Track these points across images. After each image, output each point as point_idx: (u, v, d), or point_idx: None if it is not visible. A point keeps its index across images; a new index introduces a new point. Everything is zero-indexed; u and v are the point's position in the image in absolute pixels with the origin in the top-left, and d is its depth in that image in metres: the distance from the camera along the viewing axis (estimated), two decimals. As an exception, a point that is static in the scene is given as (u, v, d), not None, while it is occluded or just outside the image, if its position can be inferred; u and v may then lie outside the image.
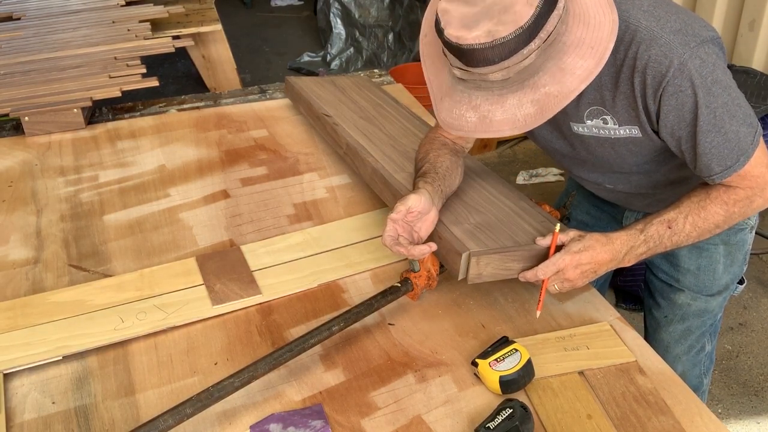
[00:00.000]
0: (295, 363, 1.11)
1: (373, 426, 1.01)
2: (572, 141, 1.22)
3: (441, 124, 1.09)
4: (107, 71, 2.02)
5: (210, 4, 3.31)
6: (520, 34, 0.94)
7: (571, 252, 1.10)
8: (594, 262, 1.11)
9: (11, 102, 1.84)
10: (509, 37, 0.93)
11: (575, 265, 1.10)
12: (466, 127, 1.04)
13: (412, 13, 4.08)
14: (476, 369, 1.07)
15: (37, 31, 2.37)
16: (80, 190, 1.59)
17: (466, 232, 1.18)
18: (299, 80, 1.92)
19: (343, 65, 4.38)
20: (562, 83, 1.00)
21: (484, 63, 0.97)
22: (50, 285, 1.29)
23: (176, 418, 0.95)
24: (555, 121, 1.18)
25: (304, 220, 1.48)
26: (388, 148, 1.52)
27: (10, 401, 1.06)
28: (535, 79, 1.00)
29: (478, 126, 1.03)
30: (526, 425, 0.97)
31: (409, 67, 3.84)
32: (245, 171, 1.66)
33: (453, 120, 1.06)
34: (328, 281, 1.30)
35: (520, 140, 3.76)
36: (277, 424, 1.01)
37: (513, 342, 1.09)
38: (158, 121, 1.89)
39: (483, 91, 1.02)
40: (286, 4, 5.79)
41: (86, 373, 1.11)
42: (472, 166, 1.47)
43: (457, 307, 1.24)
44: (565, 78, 1.00)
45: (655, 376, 1.09)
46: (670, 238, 1.12)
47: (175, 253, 1.38)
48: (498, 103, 1.02)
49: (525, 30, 0.94)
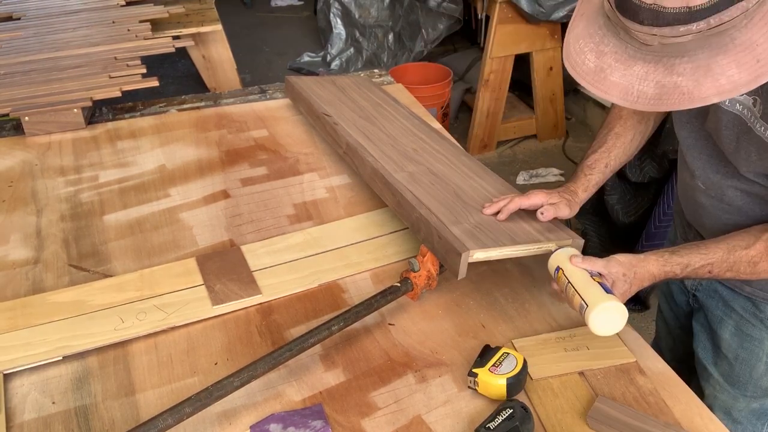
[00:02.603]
0: (295, 363, 1.11)
1: (373, 426, 1.01)
2: (709, 107, 1.07)
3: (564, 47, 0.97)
4: (107, 71, 2.02)
5: (210, 4, 3.31)
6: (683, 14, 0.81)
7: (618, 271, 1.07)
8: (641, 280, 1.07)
9: (11, 102, 1.84)
10: (670, 10, 0.81)
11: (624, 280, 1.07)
12: (579, 68, 0.93)
13: (412, 13, 4.07)
14: (474, 379, 1.05)
15: (37, 31, 2.37)
16: (80, 190, 1.59)
17: (465, 232, 1.18)
18: (299, 80, 1.92)
19: (343, 65, 4.38)
20: (698, 83, 0.84)
21: (633, 17, 0.85)
22: (50, 285, 1.29)
23: (176, 417, 0.95)
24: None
25: (304, 220, 1.48)
26: (387, 148, 1.52)
27: (10, 401, 1.06)
28: (675, 61, 0.85)
29: (589, 74, 0.91)
30: (526, 425, 0.96)
31: (409, 67, 3.84)
32: (245, 171, 1.66)
33: (572, 51, 0.94)
34: (328, 281, 1.30)
35: (520, 140, 3.76)
36: (277, 424, 1.01)
37: (499, 347, 1.08)
38: (158, 121, 1.89)
39: (618, 40, 0.89)
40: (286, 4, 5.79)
41: (86, 373, 1.11)
42: (472, 166, 1.47)
43: (457, 307, 1.24)
44: (704, 80, 0.84)
45: (655, 376, 1.09)
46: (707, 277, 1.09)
47: (175, 253, 1.38)
48: (624, 63, 0.88)
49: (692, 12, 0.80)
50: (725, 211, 1.16)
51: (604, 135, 1.29)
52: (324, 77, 1.99)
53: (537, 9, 3.21)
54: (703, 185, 1.17)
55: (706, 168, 1.15)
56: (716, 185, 1.14)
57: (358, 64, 4.37)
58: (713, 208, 1.18)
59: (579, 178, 1.27)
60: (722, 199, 1.15)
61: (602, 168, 1.27)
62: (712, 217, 1.20)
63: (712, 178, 1.15)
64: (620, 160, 1.29)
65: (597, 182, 1.27)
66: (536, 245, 1.18)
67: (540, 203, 1.22)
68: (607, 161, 1.27)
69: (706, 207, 1.20)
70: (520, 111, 3.83)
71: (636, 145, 1.29)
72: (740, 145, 1.03)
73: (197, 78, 3.52)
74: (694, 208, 1.24)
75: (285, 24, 5.40)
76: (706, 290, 1.31)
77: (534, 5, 3.21)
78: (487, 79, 3.42)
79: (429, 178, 1.39)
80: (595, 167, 1.27)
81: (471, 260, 1.13)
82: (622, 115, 1.28)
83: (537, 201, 1.22)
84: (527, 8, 3.21)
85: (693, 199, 1.23)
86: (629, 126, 1.27)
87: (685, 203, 1.29)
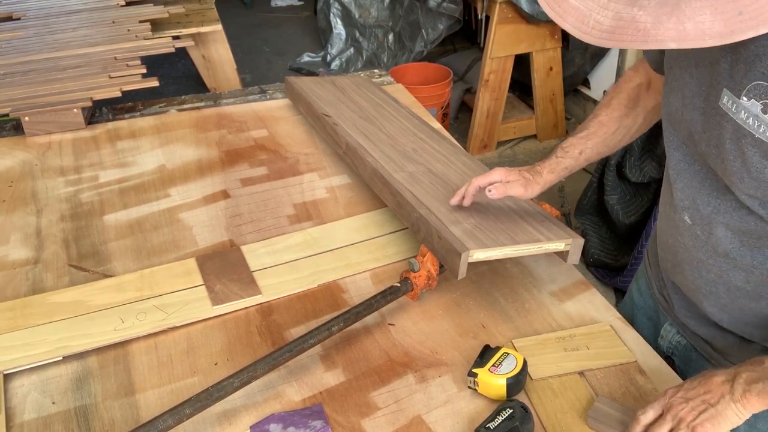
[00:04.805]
0: (295, 363, 1.11)
1: (373, 426, 1.01)
2: (708, 119, 0.94)
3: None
4: (107, 71, 2.02)
5: (210, 4, 3.31)
6: None
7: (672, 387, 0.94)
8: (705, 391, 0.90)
9: (11, 102, 1.84)
10: None
11: (682, 398, 0.91)
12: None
13: (412, 13, 4.07)
14: (474, 380, 1.05)
15: (37, 31, 2.37)
16: (80, 190, 1.59)
17: (465, 232, 1.18)
18: (299, 80, 1.92)
19: (343, 65, 4.38)
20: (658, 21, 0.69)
21: None
22: (50, 285, 1.29)
23: (176, 418, 0.95)
24: (708, 80, 0.93)
25: (304, 221, 1.48)
26: (387, 148, 1.52)
27: (10, 401, 1.06)
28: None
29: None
30: (526, 425, 0.96)
31: (409, 67, 3.84)
32: (245, 171, 1.66)
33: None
34: (328, 281, 1.30)
35: (520, 140, 3.76)
36: (277, 425, 1.01)
37: (499, 347, 1.08)
38: (158, 121, 1.89)
39: None
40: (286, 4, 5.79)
41: (86, 373, 1.11)
42: (472, 166, 1.47)
43: (457, 307, 1.24)
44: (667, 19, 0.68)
45: (656, 376, 1.09)
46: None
47: (175, 253, 1.38)
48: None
49: None
50: (710, 255, 1.02)
51: (588, 121, 1.25)
52: (324, 77, 1.99)
53: (537, 9, 3.21)
54: (690, 220, 1.03)
55: (697, 198, 1.01)
56: (706, 220, 1.00)
57: (358, 64, 4.37)
58: (697, 250, 1.04)
59: (550, 158, 1.23)
60: (709, 239, 1.01)
61: (576, 154, 1.22)
62: (694, 262, 1.06)
63: (702, 211, 1.00)
64: (598, 150, 1.23)
65: (567, 167, 1.22)
66: (536, 245, 1.18)
67: (497, 180, 1.19)
68: (582, 148, 1.22)
69: (689, 249, 1.06)
70: (520, 111, 3.83)
71: (618, 138, 1.24)
72: (749, 161, 0.88)
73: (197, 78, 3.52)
74: (675, 252, 1.11)
75: (285, 24, 5.40)
76: (682, 357, 1.23)
77: (534, 5, 3.21)
78: (487, 79, 3.42)
79: (429, 178, 1.39)
80: (569, 151, 1.22)
81: (471, 260, 1.13)
82: (611, 105, 1.24)
83: (494, 178, 1.19)
84: (527, 8, 3.21)
85: (675, 240, 1.09)
86: (615, 117, 1.23)
87: (665, 248, 1.16)
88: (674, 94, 1.00)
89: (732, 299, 1.03)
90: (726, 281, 1.02)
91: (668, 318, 1.24)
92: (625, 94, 1.23)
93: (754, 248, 0.96)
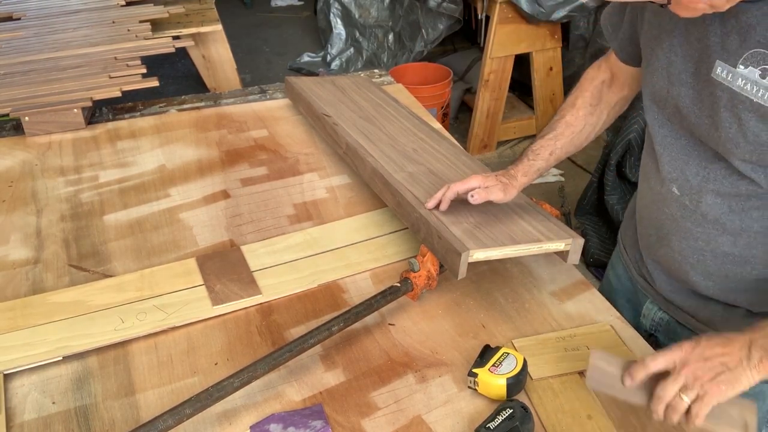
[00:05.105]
0: (295, 363, 1.11)
1: (373, 426, 1.01)
2: (700, 92, 1.00)
3: None
4: (107, 71, 2.02)
5: (210, 4, 3.31)
6: None
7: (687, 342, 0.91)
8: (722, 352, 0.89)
9: (11, 102, 1.84)
10: None
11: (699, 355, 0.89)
12: None
13: (412, 13, 4.07)
14: (474, 380, 1.05)
15: (37, 31, 2.37)
16: (80, 190, 1.59)
17: (465, 232, 1.18)
18: (299, 80, 1.92)
19: (343, 65, 4.38)
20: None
21: None
22: (50, 285, 1.29)
23: (176, 418, 0.95)
24: (698, 55, 0.99)
25: (304, 221, 1.48)
26: (387, 148, 1.52)
27: (10, 401, 1.06)
28: None
29: None
30: (526, 425, 0.96)
31: (409, 67, 3.84)
32: (245, 171, 1.66)
33: None
34: (328, 281, 1.30)
35: (520, 140, 3.76)
36: (277, 425, 1.01)
37: (499, 347, 1.08)
38: (158, 121, 1.89)
39: None
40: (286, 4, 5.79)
41: (86, 373, 1.11)
42: (472, 166, 1.47)
43: (457, 307, 1.24)
44: None
45: (655, 376, 1.09)
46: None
47: (175, 253, 1.38)
48: None
49: None
50: (698, 223, 1.08)
51: (554, 122, 1.29)
52: (324, 77, 1.99)
53: (537, 9, 3.21)
54: (678, 191, 1.09)
55: (685, 170, 1.07)
56: (695, 189, 1.06)
57: (358, 64, 4.37)
58: (685, 219, 1.10)
59: (522, 162, 1.27)
60: (698, 207, 1.07)
61: (546, 156, 1.27)
62: (682, 232, 1.11)
63: (692, 181, 1.07)
64: (567, 149, 1.28)
65: (539, 168, 1.27)
66: (536, 245, 1.18)
67: (475, 186, 1.21)
68: (552, 149, 1.27)
69: (676, 219, 1.11)
70: (520, 111, 3.83)
71: (585, 136, 1.30)
72: (745, 126, 0.94)
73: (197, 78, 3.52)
74: (660, 225, 1.16)
75: (285, 24, 5.40)
76: (666, 332, 1.26)
77: (534, 5, 3.21)
78: (487, 79, 3.42)
79: (429, 178, 1.39)
80: (540, 153, 1.27)
81: (471, 260, 1.13)
82: (576, 105, 1.29)
83: (473, 184, 1.21)
84: (527, 8, 3.21)
85: (661, 212, 1.14)
86: (581, 116, 1.28)
87: (647, 223, 1.21)
88: (658, 74, 1.07)
89: (719, 266, 1.08)
90: (714, 248, 1.08)
91: (648, 297, 1.28)
92: (588, 93, 1.29)
93: (742, 212, 1.03)
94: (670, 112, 1.08)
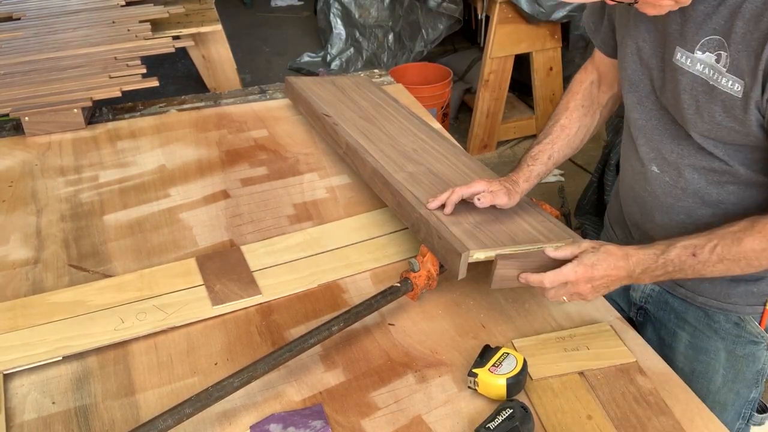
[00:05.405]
0: (295, 363, 1.11)
1: (373, 426, 1.01)
2: (665, 75, 1.09)
3: None
4: (107, 71, 2.02)
5: (210, 4, 3.31)
6: None
7: (584, 264, 1.04)
8: (607, 276, 1.05)
9: (11, 102, 1.84)
10: None
11: (587, 278, 1.05)
12: None
13: (412, 13, 4.07)
14: (474, 380, 1.05)
15: (37, 31, 2.37)
16: (80, 190, 1.59)
17: (465, 232, 1.18)
18: (299, 80, 1.92)
19: (343, 65, 4.37)
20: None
21: None
22: (50, 285, 1.29)
23: (176, 418, 0.95)
24: (661, 41, 1.08)
25: (304, 220, 1.48)
26: (388, 148, 1.52)
27: (10, 401, 1.06)
28: None
29: None
30: (526, 426, 0.96)
31: (409, 67, 3.84)
32: (245, 171, 1.66)
33: None
34: (328, 281, 1.30)
35: (520, 140, 3.76)
36: (277, 425, 1.01)
37: (499, 347, 1.08)
38: (158, 121, 1.89)
39: None
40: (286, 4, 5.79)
41: (86, 373, 1.11)
42: (472, 166, 1.47)
43: (457, 307, 1.24)
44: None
45: (656, 376, 1.09)
46: (692, 266, 1.03)
47: (175, 253, 1.38)
48: None
49: None
50: (679, 197, 1.14)
51: (549, 126, 1.32)
52: (324, 77, 1.99)
53: (537, 9, 3.21)
54: (658, 169, 1.15)
55: (661, 148, 1.14)
56: (673, 166, 1.13)
57: (358, 64, 4.37)
58: (666, 196, 1.16)
59: (522, 168, 1.29)
60: (678, 182, 1.13)
61: (545, 160, 1.30)
62: (664, 208, 1.17)
63: (668, 159, 1.13)
64: (564, 152, 1.32)
65: (539, 173, 1.29)
66: (536, 245, 1.18)
67: (481, 191, 1.23)
68: (550, 153, 1.30)
69: (658, 196, 1.17)
70: (520, 111, 3.82)
71: (581, 138, 1.33)
72: (701, 107, 1.03)
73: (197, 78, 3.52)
74: (643, 202, 1.22)
75: (285, 24, 5.40)
76: (657, 302, 1.30)
77: (534, 5, 3.21)
78: (487, 79, 3.42)
79: (429, 178, 1.39)
80: (539, 158, 1.30)
81: (471, 260, 1.13)
82: (569, 107, 1.32)
83: (478, 188, 1.23)
84: (527, 8, 3.21)
85: (643, 190, 1.20)
86: (575, 118, 1.32)
87: (631, 201, 1.26)
88: (631, 59, 1.15)
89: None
90: (695, 220, 1.14)
91: None
92: (579, 95, 1.33)
93: (719, 185, 1.10)
94: (642, 94, 1.15)
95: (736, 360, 1.21)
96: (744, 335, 1.19)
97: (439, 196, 1.25)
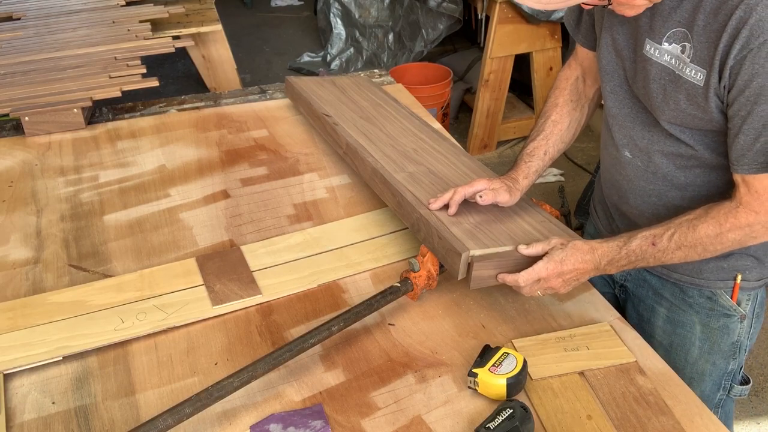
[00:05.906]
0: (295, 363, 1.11)
1: (373, 426, 1.01)
2: (636, 65, 1.15)
3: None
4: (107, 71, 2.02)
5: (210, 4, 3.31)
6: None
7: (554, 260, 1.11)
8: (576, 270, 1.12)
9: (11, 102, 1.84)
10: None
11: (558, 273, 1.11)
12: None
13: (412, 13, 4.07)
14: (474, 380, 1.05)
15: (37, 31, 2.37)
16: (80, 190, 1.59)
17: (465, 232, 1.18)
18: (299, 80, 1.92)
19: (343, 65, 4.38)
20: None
21: None
22: (50, 285, 1.29)
23: (176, 417, 0.95)
24: (633, 33, 1.15)
25: (304, 220, 1.48)
26: (388, 148, 1.52)
27: (10, 401, 1.06)
28: None
29: None
30: (526, 426, 0.96)
31: (409, 67, 3.84)
32: (245, 171, 1.66)
33: None
34: (328, 281, 1.30)
35: (520, 140, 3.76)
36: (277, 425, 1.01)
37: (499, 347, 1.08)
38: (158, 121, 1.89)
39: None
40: (286, 4, 5.79)
41: (86, 373, 1.11)
42: (472, 166, 1.47)
43: (457, 307, 1.24)
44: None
45: (656, 376, 1.09)
46: (653, 255, 1.10)
47: (175, 253, 1.38)
48: None
49: None
50: (650, 181, 1.21)
51: (541, 123, 1.36)
52: (324, 77, 1.99)
53: (537, 9, 3.21)
54: (630, 154, 1.22)
55: (633, 134, 1.21)
56: (644, 151, 1.20)
57: (358, 64, 4.37)
58: (639, 179, 1.23)
59: (519, 165, 1.32)
60: (648, 166, 1.20)
61: (541, 155, 1.33)
62: (637, 191, 1.24)
63: (639, 144, 1.20)
64: (558, 147, 1.35)
65: (537, 169, 1.32)
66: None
67: (482, 188, 1.24)
68: (545, 148, 1.33)
69: (631, 179, 1.24)
70: (520, 111, 3.83)
71: (572, 132, 1.37)
72: (668, 95, 1.10)
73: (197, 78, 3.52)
74: (619, 186, 1.28)
75: (285, 24, 5.40)
76: (635, 280, 1.35)
77: (534, 5, 3.20)
78: (487, 79, 3.42)
79: (429, 178, 1.39)
80: (535, 155, 1.33)
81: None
82: (558, 103, 1.36)
83: (479, 187, 1.25)
84: (527, 8, 3.21)
85: (618, 174, 1.27)
86: (565, 113, 1.35)
87: (609, 185, 1.33)
88: (606, 50, 1.21)
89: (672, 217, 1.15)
90: (666, 202, 1.21)
91: None
92: (567, 91, 1.37)
93: (686, 169, 1.16)
94: (616, 84, 1.21)
95: (711, 332, 1.27)
96: (717, 308, 1.25)
97: (441, 197, 1.26)
